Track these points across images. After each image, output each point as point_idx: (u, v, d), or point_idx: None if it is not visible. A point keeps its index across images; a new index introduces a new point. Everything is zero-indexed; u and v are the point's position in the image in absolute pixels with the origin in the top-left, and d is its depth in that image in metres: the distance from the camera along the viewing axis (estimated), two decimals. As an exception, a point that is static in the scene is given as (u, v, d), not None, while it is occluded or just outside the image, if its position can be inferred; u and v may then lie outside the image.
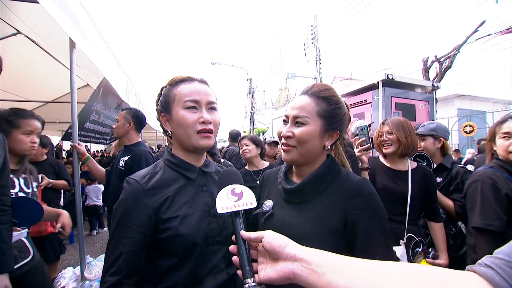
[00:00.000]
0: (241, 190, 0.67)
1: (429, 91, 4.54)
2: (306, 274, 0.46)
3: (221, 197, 0.65)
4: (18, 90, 4.39)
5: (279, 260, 0.51)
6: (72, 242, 4.14)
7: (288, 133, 0.83)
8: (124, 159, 2.18)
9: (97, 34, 2.25)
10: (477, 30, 7.28)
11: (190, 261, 0.80)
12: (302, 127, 0.82)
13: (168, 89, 0.90)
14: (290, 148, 0.84)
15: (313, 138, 0.82)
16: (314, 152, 0.85)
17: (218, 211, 0.62)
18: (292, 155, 0.84)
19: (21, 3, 1.91)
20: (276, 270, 0.50)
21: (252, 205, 0.65)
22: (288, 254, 0.50)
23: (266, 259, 0.55)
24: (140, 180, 0.83)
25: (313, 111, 0.82)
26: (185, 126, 0.84)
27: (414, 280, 0.39)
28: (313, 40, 12.12)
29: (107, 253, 0.77)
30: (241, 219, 0.63)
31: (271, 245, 0.52)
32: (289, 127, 0.84)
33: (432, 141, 1.95)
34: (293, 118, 0.84)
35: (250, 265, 0.56)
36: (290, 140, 0.83)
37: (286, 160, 0.87)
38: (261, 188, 1.03)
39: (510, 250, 0.38)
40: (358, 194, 0.78)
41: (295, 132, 0.82)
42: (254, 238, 0.57)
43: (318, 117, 0.82)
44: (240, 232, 0.59)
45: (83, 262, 2.21)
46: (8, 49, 3.17)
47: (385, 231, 0.77)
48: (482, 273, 0.37)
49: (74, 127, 2.13)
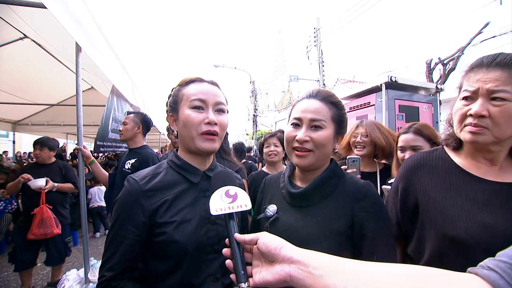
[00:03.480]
0: (236, 191, 0.65)
1: (433, 93, 4.51)
2: (303, 276, 0.45)
3: (215, 198, 0.63)
4: (24, 93, 4.46)
5: (275, 263, 0.50)
6: (76, 244, 4.17)
7: (305, 137, 0.81)
8: (130, 162, 2.19)
9: (102, 38, 2.27)
10: (481, 32, 7.23)
11: (184, 268, 0.79)
12: (320, 131, 0.81)
13: (178, 89, 0.89)
14: (306, 153, 0.82)
15: (329, 142, 0.83)
16: (327, 156, 0.86)
17: (211, 212, 0.60)
18: (309, 159, 0.83)
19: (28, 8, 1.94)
20: (272, 273, 0.49)
21: (247, 207, 0.63)
22: (284, 256, 0.49)
23: (261, 262, 0.53)
24: (139, 181, 0.82)
25: (327, 115, 0.83)
26: (189, 126, 0.82)
27: (414, 282, 0.39)
28: (315, 42, 12.12)
29: (105, 248, 0.79)
30: (235, 221, 0.61)
31: (267, 247, 0.51)
32: (305, 131, 0.82)
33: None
34: (309, 121, 0.82)
35: (244, 268, 0.54)
36: (307, 144, 0.82)
37: (301, 165, 0.85)
38: (262, 193, 1.02)
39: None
40: (364, 196, 0.78)
41: (313, 136, 0.81)
42: (249, 240, 0.55)
43: (332, 122, 0.83)
44: (234, 235, 0.57)
45: (87, 264, 2.21)
46: (15, 53, 3.22)
47: (391, 233, 0.78)
48: (485, 276, 0.37)
49: (79, 130, 2.15)
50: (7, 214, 3.70)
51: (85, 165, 2.30)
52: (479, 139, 0.71)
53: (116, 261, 0.76)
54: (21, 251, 2.74)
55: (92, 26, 2.04)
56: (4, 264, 3.51)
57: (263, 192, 1.02)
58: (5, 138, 17.14)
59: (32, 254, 2.80)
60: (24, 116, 5.86)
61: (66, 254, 3.03)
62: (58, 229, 2.72)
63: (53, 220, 2.67)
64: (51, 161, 2.97)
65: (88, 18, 1.97)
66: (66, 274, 2.48)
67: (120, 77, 2.76)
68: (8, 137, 16.50)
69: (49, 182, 2.76)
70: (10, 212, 3.73)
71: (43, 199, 2.69)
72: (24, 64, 3.62)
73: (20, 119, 5.90)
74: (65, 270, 2.73)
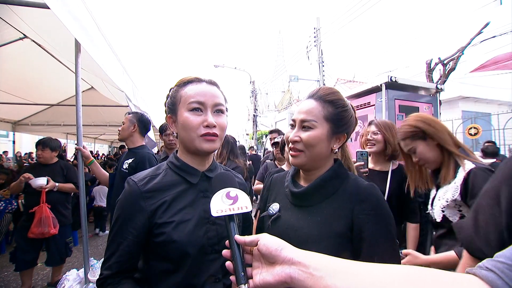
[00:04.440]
0: (236, 193, 0.65)
1: (433, 93, 4.51)
2: (303, 278, 0.45)
3: (216, 200, 0.63)
4: (24, 93, 4.46)
5: (275, 264, 0.50)
6: (76, 245, 4.16)
7: (295, 138, 0.83)
8: (128, 161, 2.20)
9: (102, 38, 2.28)
10: (481, 32, 7.23)
11: (184, 269, 0.79)
12: (309, 131, 0.82)
13: (175, 90, 0.88)
14: (298, 153, 0.84)
15: (320, 142, 0.82)
16: (321, 156, 0.85)
17: (212, 214, 0.60)
18: (300, 159, 0.84)
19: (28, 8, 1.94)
20: (273, 274, 0.49)
21: (248, 209, 0.63)
22: (285, 258, 0.48)
23: (261, 264, 0.53)
24: (138, 182, 0.82)
25: (319, 114, 0.82)
26: (188, 129, 0.82)
27: (414, 283, 0.39)
28: (315, 42, 12.13)
29: (106, 248, 0.81)
30: (235, 223, 0.61)
31: (267, 248, 0.51)
32: (296, 131, 0.85)
33: None
34: (300, 122, 0.84)
35: (244, 270, 0.54)
36: (298, 144, 0.84)
37: (295, 164, 0.88)
38: (268, 191, 1.03)
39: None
40: (366, 199, 0.77)
41: (302, 136, 0.82)
42: (249, 242, 0.55)
43: (325, 121, 0.83)
44: (235, 237, 0.57)
45: (87, 265, 2.22)
46: (14, 53, 3.22)
47: (392, 237, 0.76)
48: (483, 277, 0.37)
49: (78, 130, 2.15)
50: (7, 214, 3.71)
51: (84, 165, 2.31)
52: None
53: (114, 260, 0.77)
54: (22, 250, 2.75)
55: (91, 26, 2.04)
56: (4, 264, 3.51)
57: (269, 190, 1.03)
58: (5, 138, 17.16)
59: (33, 254, 2.81)
60: (24, 116, 5.86)
61: (67, 254, 3.03)
62: (56, 229, 2.72)
63: (50, 220, 2.68)
64: (53, 161, 2.99)
65: (87, 18, 1.97)
66: (66, 274, 2.48)
67: (120, 77, 2.77)
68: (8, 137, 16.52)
69: (50, 182, 2.77)
70: (10, 212, 3.74)
71: (44, 198, 2.70)
72: (24, 64, 3.63)
73: (20, 119, 5.90)
74: (65, 270, 2.73)
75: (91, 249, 4.07)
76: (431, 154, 1.29)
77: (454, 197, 1.18)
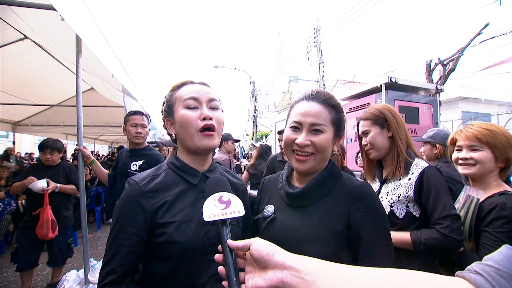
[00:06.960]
0: (229, 198, 0.65)
1: (433, 94, 4.51)
2: (295, 282, 0.45)
3: (208, 204, 0.63)
4: (24, 94, 4.47)
5: (267, 269, 0.50)
6: (76, 245, 4.16)
7: (306, 142, 0.81)
8: (137, 163, 2.20)
9: (103, 38, 2.28)
10: (481, 33, 7.24)
11: (186, 269, 0.79)
12: (320, 135, 0.82)
13: (170, 94, 0.92)
14: (307, 157, 0.83)
15: (330, 145, 0.83)
16: (327, 158, 0.86)
17: (204, 219, 0.60)
18: (310, 163, 0.83)
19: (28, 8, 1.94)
20: (265, 279, 0.49)
21: (240, 213, 0.63)
22: (277, 262, 0.48)
23: (254, 268, 0.53)
24: (139, 182, 0.82)
25: (327, 118, 0.83)
26: (185, 124, 0.83)
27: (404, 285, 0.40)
28: (315, 43, 12.14)
29: (106, 249, 0.79)
30: (228, 228, 0.61)
31: (259, 253, 0.51)
32: (306, 135, 0.82)
33: (430, 147, 2.14)
34: (309, 125, 0.82)
35: (236, 275, 0.54)
36: (308, 148, 0.82)
37: (302, 170, 0.85)
38: (261, 193, 1.03)
39: (500, 257, 0.38)
40: (361, 197, 0.79)
41: (314, 140, 0.81)
42: (242, 247, 0.55)
43: (331, 125, 0.84)
44: (227, 241, 0.57)
45: (87, 265, 2.22)
46: (15, 53, 3.23)
47: (388, 234, 0.78)
48: (472, 280, 0.38)
49: (79, 130, 2.15)
50: (7, 215, 3.70)
51: (85, 165, 2.31)
52: None
53: (116, 263, 0.74)
54: (25, 251, 2.74)
55: (91, 25, 2.05)
56: (4, 264, 3.51)
57: (261, 192, 1.03)
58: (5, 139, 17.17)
59: (35, 254, 2.81)
60: (24, 117, 5.87)
61: (69, 255, 3.03)
62: (54, 233, 2.70)
63: (50, 223, 2.66)
64: (56, 162, 2.98)
65: (87, 18, 1.97)
66: (66, 275, 2.48)
67: (121, 77, 2.77)
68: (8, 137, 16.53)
69: (51, 183, 2.75)
70: (9, 213, 3.73)
71: (47, 200, 2.68)
72: (24, 65, 3.63)
73: (20, 119, 5.91)
74: (65, 271, 2.74)
75: (91, 250, 4.06)
76: (381, 141, 1.33)
77: (407, 193, 1.22)
